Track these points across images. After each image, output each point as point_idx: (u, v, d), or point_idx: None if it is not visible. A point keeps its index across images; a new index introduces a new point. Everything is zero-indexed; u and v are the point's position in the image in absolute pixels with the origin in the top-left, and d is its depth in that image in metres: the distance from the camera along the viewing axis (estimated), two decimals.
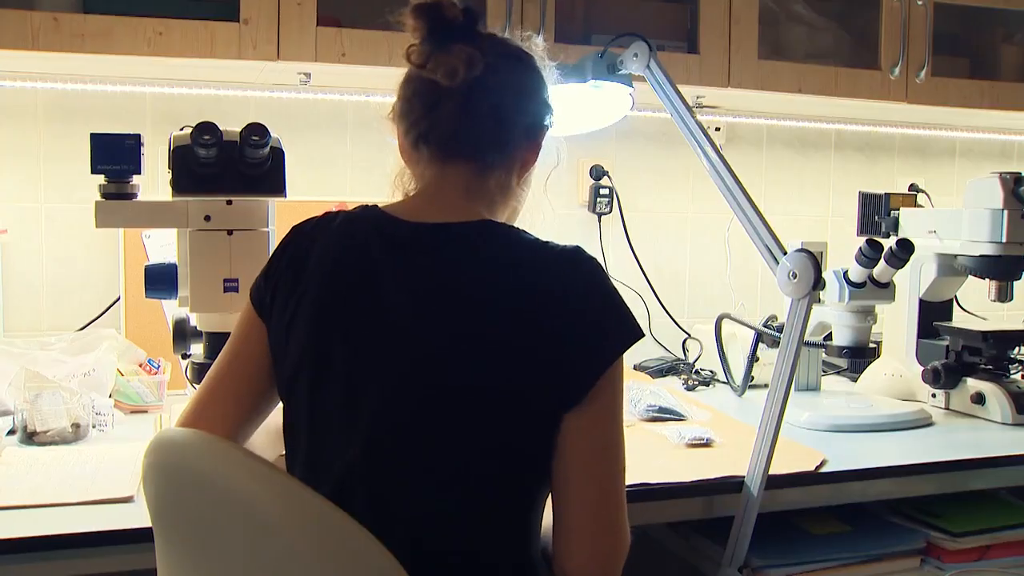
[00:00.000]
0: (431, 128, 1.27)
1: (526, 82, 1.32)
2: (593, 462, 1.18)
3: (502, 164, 1.30)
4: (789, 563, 1.67)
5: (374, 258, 1.22)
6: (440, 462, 1.15)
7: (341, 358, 1.19)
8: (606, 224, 2.59)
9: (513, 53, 1.32)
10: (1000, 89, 2.60)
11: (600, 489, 1.19)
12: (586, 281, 1.19)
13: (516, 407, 1.15)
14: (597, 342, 1.16)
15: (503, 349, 1.15)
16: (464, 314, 1.16)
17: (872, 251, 1.99)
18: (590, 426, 1.17)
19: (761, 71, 2.32)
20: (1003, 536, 1.80)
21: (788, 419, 2.03)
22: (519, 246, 1.22)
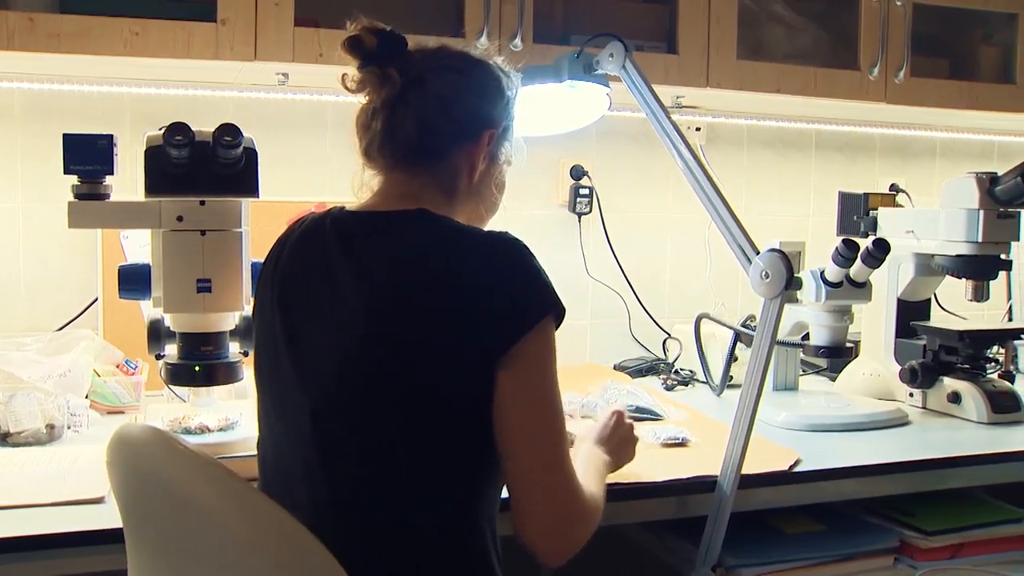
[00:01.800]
0: (370, 143, 1.41)
1: (459, 90, 1.41)
2: (528, 426, 1.26)
3: (442, 169, 1.41)
4: (762, 562, 1.68)
5: (329, 250, 1.35)
6: (377, 430, 1.26)
7: (293, 342, 1.33)
8: (586, 224, 2.60)
9: (445, 64, 1.42)
10: (978, 90, 2.61)
11: (539, 455, 1.26)
12: (512, 259, 1.29)
13: (449, 370, 1.25)
14: (521, 304, 1.26)
15: (435, 318, 1.25)
16: (393, 291, 1.27)
17: (848, 251, 2.00)
18: (521, 388, 1.25)
19: (740, 71, 2.32)
20: (976, 534, 1.81)
21: (765, 419, 2.05)
22: (450, 230, 1.33)
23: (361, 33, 1.39)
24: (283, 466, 1.34)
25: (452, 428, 1.27)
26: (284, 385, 1.33)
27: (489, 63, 1.47)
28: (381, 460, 1.26)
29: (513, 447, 1.25)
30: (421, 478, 1.26)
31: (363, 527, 1.25)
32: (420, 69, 1.40)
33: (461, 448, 1.28)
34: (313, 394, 1.29)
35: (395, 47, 1.40)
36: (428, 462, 1.27)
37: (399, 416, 1.26)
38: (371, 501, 1.26)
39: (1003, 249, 2.13)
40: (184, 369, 1.59)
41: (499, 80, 1.47)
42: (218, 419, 1.67)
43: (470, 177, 1.43)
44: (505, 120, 1.47)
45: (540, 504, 1.26)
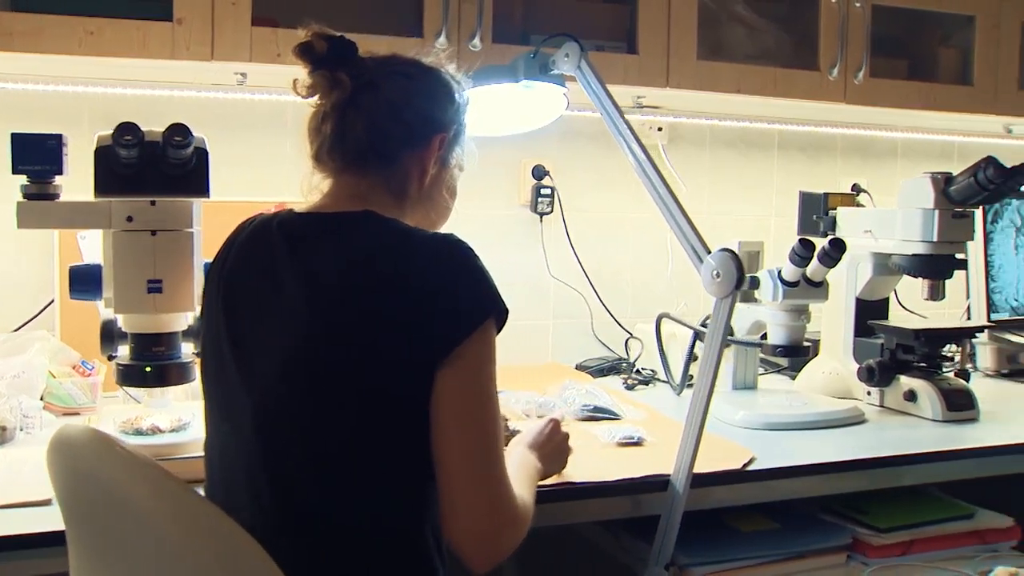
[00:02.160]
0: (320, 146, 1.42)
1: (409, 95, 1.43)
2: (463, 428, 1.26)
3: (392, 172, 1.42)
4: (715, 560, 1.69)
5: (275, 251, 1.35)
6: (321, 431, 1.26)
7: (238, 343, 1.34)
8: (548, 224, 2.60)
9: (396, 70, 1.44)
10: (937, 91, 2.64)
11: (472, 458, 1.26)
12: (457, 260, 1.30)
13: (393, 372, 1.25)
14: (464, 306, 1.27)
15: (380, 318, 1.25)
16: (341, 292, 1.28)
17: (804, 250, 2.01)
18: (458, 390, 1.26)
19: (700, 71, 2.33)
20: (926, 531, 1.83)
21: (722, 417, 2.06)
22: (397, 231, 1.33)
23: (312, 38, 1.41)
24: (227, 467, 1.34)
25: (397, 430, 1.27)
26: (229, 386, 1.33)
27: (440, 70, 1.49)
28: (324, 462, 1.26)
29: (447, 449, 1.25)
30: (364, 480, 1.27)
31: (306, 529, 1.26)
32: (371, 74, 1.42)
33: (406, 450, 1.28)
34: (257, 395, 1.29)
35: (346, 52, 1.42)
36: (372, 464, 1.27)
37: (342, 417, 1.26)
38: (313, 502, 1.26)
39: (958, 248, 2.14)
40: (135, 370, 1.58)
41: (449, 86, 1.49)
42: (170, 420, 1.66)
43: (421, 181, 1.45)
44: (456, 125, 1.49)
45: (471, 508, 1.25)
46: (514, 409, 1.99)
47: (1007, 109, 2.71)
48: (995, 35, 2.67)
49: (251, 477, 1.29)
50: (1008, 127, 3.01)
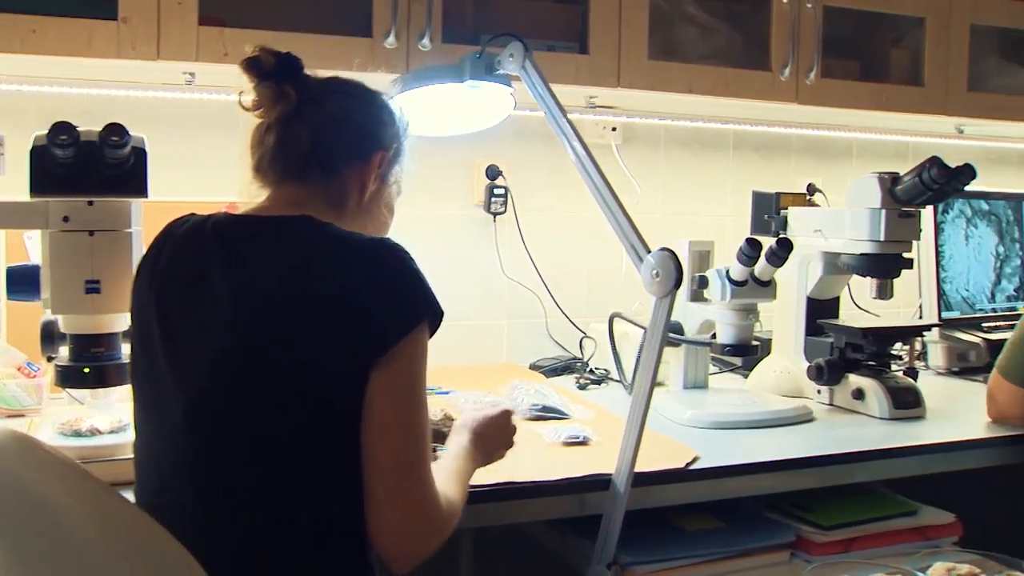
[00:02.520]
0: (262, 157, 1.45)
1: (351, 111, 1.48)
2: (391, 429, 1.28)
3: (333, 184, 1.45)
4: (658, 559, 1.69)
5: (208, 251, 1.36)
6: (251, 430, 1.27)
7: (169, 342, 1.34)
8: (501, 224, 2.60)
9: (340, 89, 1.50)
10: (888, 91, 2.66)
11: (398, 458, 1.28)
12: (392, 263, 1.33)
13: (326, 372, 1.27)
14: (398, 308, 1.30)
15: (313, 319, 1.27)
16: (275, 294, 1.29)
17: (751, 250, 2.02)
18: (388, 391, 1.28)
19: (651, 72, 2.34)
20: (869, 528, 1.84)
21: (672, 417, 2.07)
22: (331, 234, 1.35)
23: (259, 53, 1.44)
24: (155, 466, 1.34)
25: (329, 430, 1.28)
26: (159, 385, 1.33)
27: (382, 94, 1.55)
28: (254, 462, 1.27)
29: (375, 448, 1.27)
30: (296, 481, 1.27)
31: (235, 529, 1.26)
32: (315, 91, 1.47)
33: (339, 451, 1.28)
34: (188, 394, 1.30)
35: (291, 67, 1.46)
36: (303, 465, 1.28)
37: (274, 418, 1.27)
38: (243, 503, 1.27)
39: (905, 248, 2.16)
40: (74, 371, 1.57)
41: (390, 107, 1.54)
42: (111, 421, 1.65)
43: (360, 195, 1.48)
44: (396, 144, 1.55)
45: (395, 508, 1.28)
46: (462, 409, 1.99)
47: (957, 110, 2.73)
48: (945, 36, 2.69)
49: (180, 476, 1.29)
50: (959, 127, 3.04)
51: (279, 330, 1.28)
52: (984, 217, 2.84)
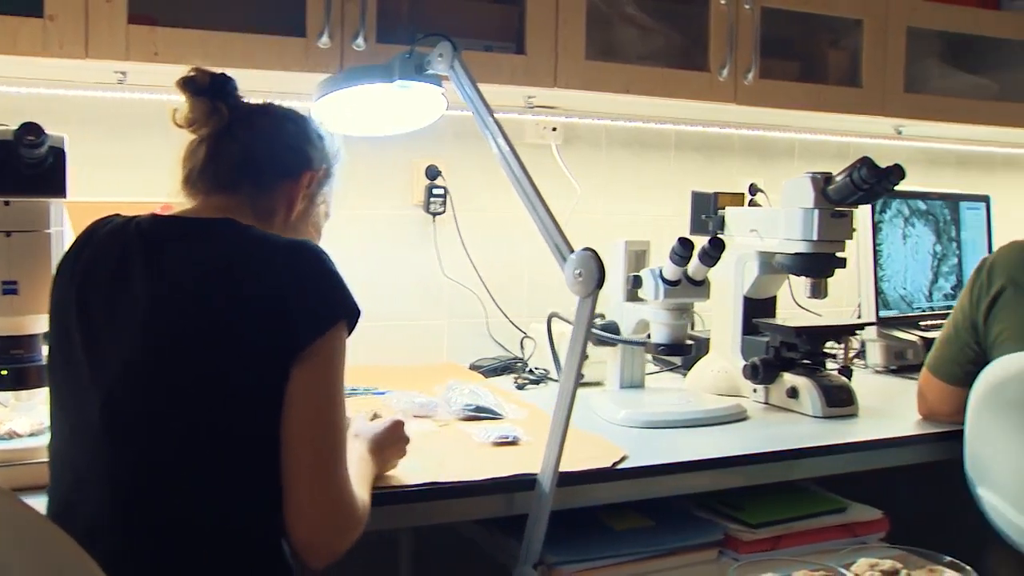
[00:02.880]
0: (192, 169, 1.49)
1: (283, 130, 1.54)
2: (309, 426, 1.30)
3: (261, 199, 1.49)
4: (585, 558, 1.69)
5: (130, 251, 1.38)
6: (169, 429, 1.29)
7: (88, 341, 1.35)
8: (440, 224, 2.60)
9: (272, 111, 1.56)
10: (826, 92, 2.68)
11: (316, 455, 1.30)
12: (310, 264, 1.36)
13: (244, 371, 1.30)
14: (316, 308, 1.33)
15: (231, 321, 1.30)
16: (195, 294, 1.32)
17: (684, 249, 2.03)
18: (307, 389, 1.30)
19: (588, 72, 2.34)
20: (796, 526, 1.85)
21: (606, 416, 2.08)
22: (252, 237, 1.39)
23: (195, 73, 1.49)
24: (69, 466, 1.35)
25: (246, 428, 1.30)
26: (76, 384, 1.34)
27: (312, 119, 1.62)
28: (168, 460, 1.28)
29: (293, 445, 1.30)
30: (209, 479, 1.29)
31: (148, 527, 1.27)
32: (248, 110, 1.53)
33: (257, 450, 1.30)
34: (102, 393, 1.31)
35: (227, 86, 1.51)
36: (217, 463, 1.29)
37: (190, 416, 1.29)
38: (158, 502, 1.28)
39: (838, 247, 2.18)
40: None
41: (320, 131, 1.61)
42: (31, 424, 1.62)
43: (288, 212, 1.53)
44: (326, 167, 1.60)
45: (312, 505, 1.30)
46: (394, 409, 1.99)
47: (894, 111, 2.76)
48: (882, 38, 2.71)
49: (94, 476, 1.30)
50: (898, 128, 3.07)
51: (197, 329, 1.31)
52: (922, 217, 2.87)
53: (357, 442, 1.56)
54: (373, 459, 1.55)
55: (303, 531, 1.30)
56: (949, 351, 2.08)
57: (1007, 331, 1.94)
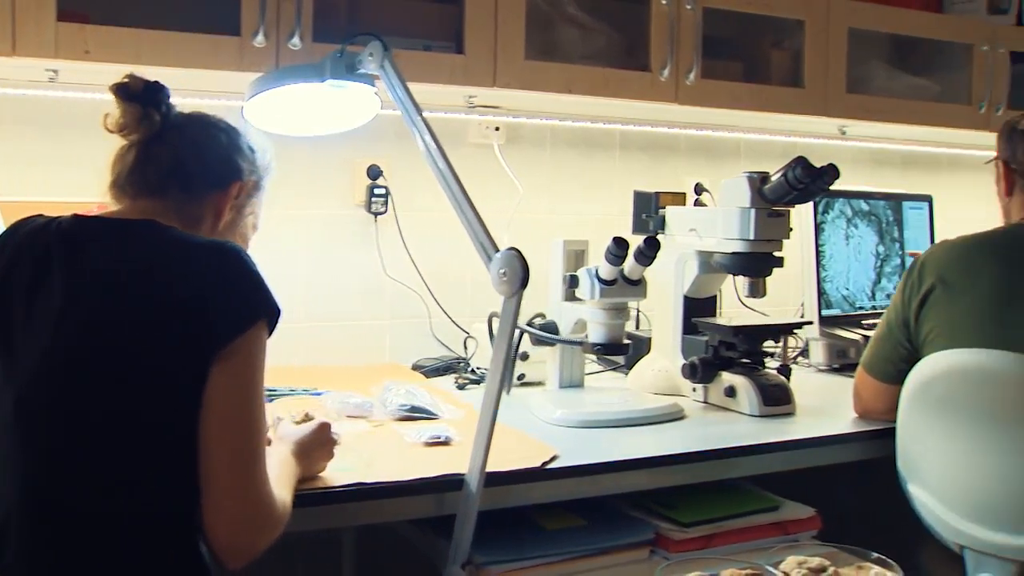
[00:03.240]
0: (120, 173, 1.50)
1: (214, 140, 1.56)
2: (228, 424, 1.31)
3: (188, 206, 1.50)
4: (514, 558, 1.69)
5: (52, 250, 1.39)
6: (85, 424, 1.29)
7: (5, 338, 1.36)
8: (383, 224, 2.59)
9: (204, 120, 1.58)
10: (768, 92, 2.69)
11: (234, 453, 1.31)
12: (230, 264, 1.37)
13: (162, 368, 1.31)
14: (236, 307, 1.34)
15: (151, 320, 1.31)
16: (114, 295, 1.33)
17: (619, 249, 2.04)
18: (226, 387, 1.31)
19: (528, 72, 2.34)
20: (728, 524, 1.85)
21: (543, 416, 2.08)
22: (173, 237, 1.40)
23: (129, 79, 1.50)
24: None
25: (164, 426, 1.31)
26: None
27: (244, 133, 1.62)
28: (82, 456, 1.29)
29: (211, 444, 1.30)
30: (124, 475, 1.29)
31: (62, 522, 1.28)
32: (181, 119, 1.54)
33: (172, 447, 1.31)
34: (17, 389, 1.31)
35: (160, 94, 1.51)
36: (132, 460, 1.30)
37: (105, 413, 1.30)
38: (70, 496, 1.29)
39: (776, 247, 2.19)
40: None
41: (252, 143, 1.61)
42: None
43: (215, 221, 1.54)
44: (256, 179, 1.62)
45: (230, 503, 1.30)
46: (329, 410, 1.98)
47: (837, 111, 2.78)
48: (824, 39, 2.73)
49: (8, 472, 1.31)
50: (842, 128, 3.09)
51: (115, 327, 1.32)
52: (864, 217, 2.89)
53: (281, 444, 1.56)
54: (297, 461, 1.54)
55: (220, 530, 1.30)
56: (882, 349, 2.09)
57: (937, 329, 1.96)
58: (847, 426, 2.14)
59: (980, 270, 1.96)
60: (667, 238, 2.37)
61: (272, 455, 1.51)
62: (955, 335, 1.92)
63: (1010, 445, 1.79)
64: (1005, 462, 1.80)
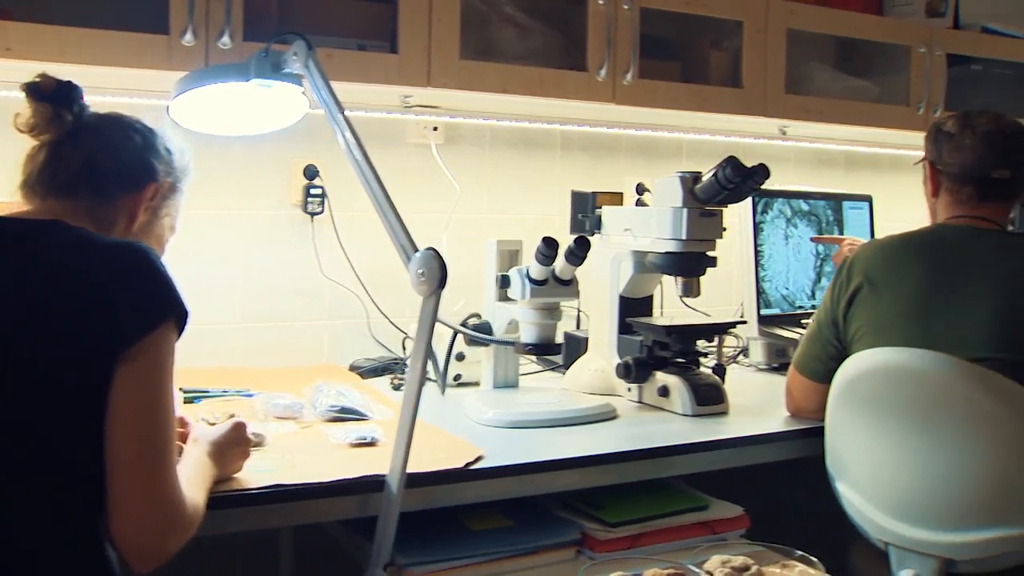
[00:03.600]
0: (30, 174, 1.48)
1: (129, 140, 1.54)
2: (135, 425, 1.29)
3: (101, 208, 1.48)
4: (437, 560, 1.68)
5: None
6: None
7: None
8: (319, 224, 2.57)
9: (120, 121, 1.56)
10: (707, 92, 2.70)
11: (142, 454, 1.29)
12: (137, 264, 1.36)
13: (69, 372, 1.29)
14: (142, 307, 1.33)
15: (57, 321, 1.29)
16: (22, 293, 1.31)
17: (548, 249, 2.04)
18: (133, 387, 1.30)
19: (463, 71, 2.33)
20: (656, 524, 1.85)
21: (474, 417, 2.07)
22: (80, 237, 1.38)
23: (40, 79, 1.48)
24: None
25: (69, 426, 1.29)
26: None
27: (161, 134, 1.60)
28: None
29: (117, 445, 1.28)
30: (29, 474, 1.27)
31: None
32: (94, 119, 1.52)
33: (78, 447, 1.29)
34: None
35: (72, 93, 1.50)
36: (36, 459, 1.28)
37: (8, 414, 1.27)
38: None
39: (709, 246, 2.20)
40: None
41: (170, 145, 1.60)
42: None
43: (129, 223, 1.53)
44: (173, 181, 1.60)
45: (137, 505, 1.28)
46: (258, 411, 1.96)
47: (776, 111, 2.79)
48: (762, 40, 2.74)
49: None
50: (783, 129, 3.10)
51: (20, 327, 1.30)
52: (804, 217, 2.91)
53: (196, 445, 1.54)
54: (213, 462, 1.52)
55: (127, 533, 1.28)
56: (812, 348, 2.11)
57: (864, 328, 1.98)
58: (779, 425, 2.15)
59: (905, 269, 1.98)
60: (603, 238, 2.38)
61: (186, 456, 1.50)
62: (881, 334, 1.94)
63: (931, 444, 1.81)
64: (926, 460, 1.82)
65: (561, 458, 1.83)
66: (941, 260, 1.97)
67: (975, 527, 1.79)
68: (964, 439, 1.78)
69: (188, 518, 1.33)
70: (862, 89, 3.07)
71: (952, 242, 2.01)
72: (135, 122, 1.58)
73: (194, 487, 1.39)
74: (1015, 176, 2.03)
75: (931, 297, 1.93)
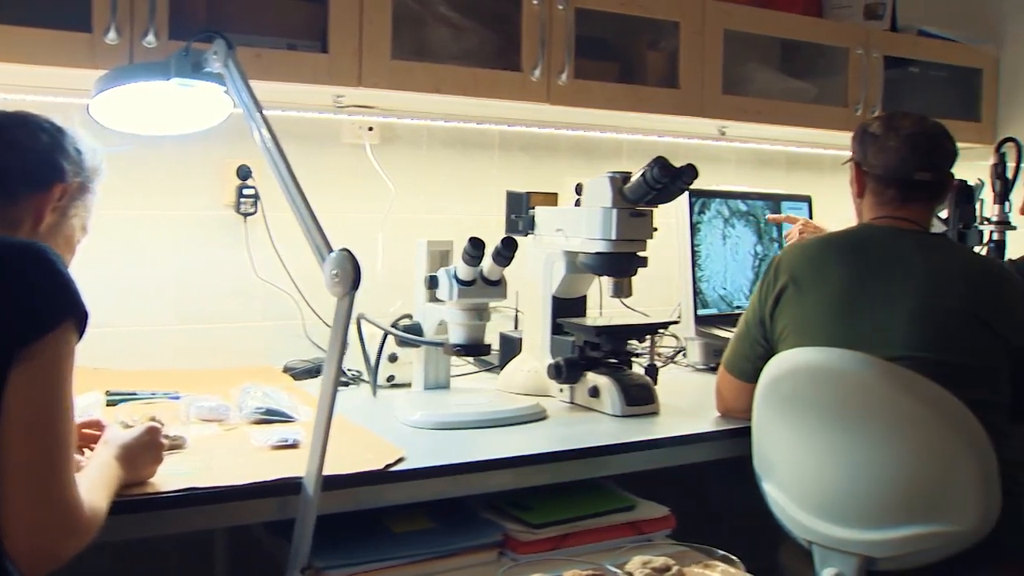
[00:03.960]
0: None
1: (36, 140, 1.52)
2: (30, 425, 1.27)
3: (6, 210, 1.48)
4: (356, 562, 1.67)
5: None
6: None
7: None
8: (252, 225, 2.55)
9: (27, 119, 1.54)
10: (644, 93, 2.71)
11: (37, 457, 1.27)
12: (36, 264, 1.33)
13: None
14: (40, 307, 1.31)
15: None
16: None
17: (474, 249, 2.03)
18: (29, 387, 1.27)
19: (395, 72, 2.32)
20: (581, 525, 1.85)
21: (402, 418, 2.06)
22: None
23: None
24: None
25: None
26: None
27: (71, 133, 1.58)
28: None
29: (11, 447, 1.26)
30: None
31: None
32: (2, 118, 1.52)
33: None
34: None
35: None
36: None
37: None
38: None
39: (639, 247, 2.20)
40: None
41: (80, 145, 1.58)
42: None
43: (35, 224, 1.50)
44: (82, 181, 1.58)
45: (31, 508, 1.26)
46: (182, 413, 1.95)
47: (713, 112, 2.81)
48: (699, 41, 2.76)
49: None
50: (721, 129, 3.12)
51: None
52: (742, 217, 2.92)
53: (104, 448, 1.52)
54: (121, 465, 1.50)
55: (21, 536, 1.25)
56: (741, 348, 2.12)
57: (789, 327, 1.99)
58: (709, 425, 2.15)
59: (829, 270, 2.00)
60: (536, 238, 2.38)
61: (93, 458, 1.48)
62: (805, 333, 1.95)
63: (851, 443, 1.82)
64: (847, 459, 1.83)
65: (485, 459, 1.83)
66: (864, 260, 1.99)
67: (894, 525, 1.80)
68: (883, 438, 1.80)
69: (85, 521, 1.31)
70: (801, 90, 3.09)
71: (874, 242, 2.03)
72: (43, 121, 1.55)
73: (95, 490, 1.37)
74: (937, 178, 2.05)
75: (854, 297, 1.94)
